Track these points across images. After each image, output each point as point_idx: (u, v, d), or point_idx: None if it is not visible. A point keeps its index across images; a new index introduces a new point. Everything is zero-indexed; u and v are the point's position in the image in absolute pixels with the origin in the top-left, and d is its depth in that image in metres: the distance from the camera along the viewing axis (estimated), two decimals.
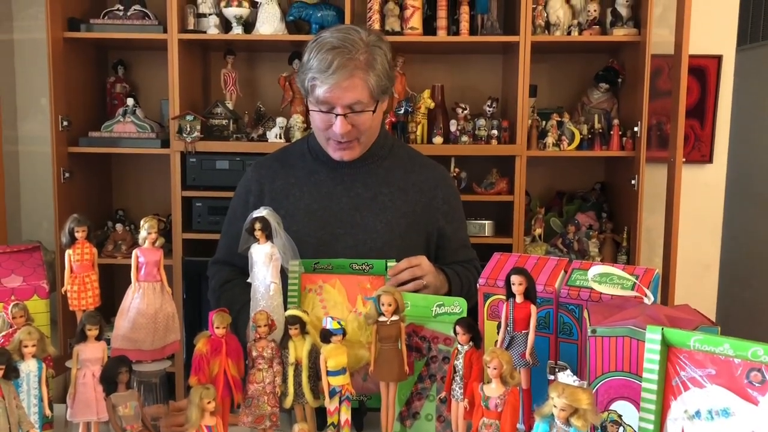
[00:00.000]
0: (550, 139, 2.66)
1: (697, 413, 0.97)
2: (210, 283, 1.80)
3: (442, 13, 2.60)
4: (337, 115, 1.61)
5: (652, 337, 0.99)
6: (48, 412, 1.18)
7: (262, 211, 1.37)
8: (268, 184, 1.76)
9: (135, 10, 2.65)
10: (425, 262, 1.60)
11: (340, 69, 1.57)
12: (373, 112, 1.65)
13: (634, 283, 1.24)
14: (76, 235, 1.30)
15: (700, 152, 2.97)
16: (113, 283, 2.65)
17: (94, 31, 2.64)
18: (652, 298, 1.22)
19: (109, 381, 1.13)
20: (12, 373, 1.06)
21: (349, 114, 1.61)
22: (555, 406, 0.91)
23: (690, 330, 1.01)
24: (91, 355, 1.21)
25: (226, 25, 2.67)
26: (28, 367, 1.14)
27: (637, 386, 1.03)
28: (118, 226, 2.74)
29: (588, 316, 1.15)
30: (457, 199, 1.86)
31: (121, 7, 2.66)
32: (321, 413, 1.24)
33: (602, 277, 1.25)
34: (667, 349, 0.99)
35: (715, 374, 0.96)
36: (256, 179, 1.79)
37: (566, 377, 0.93)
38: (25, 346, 1.13)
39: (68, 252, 1.31)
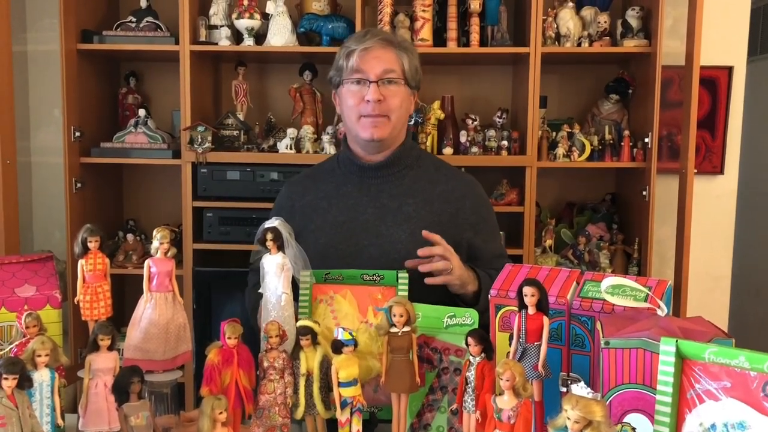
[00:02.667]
0: (560, 150, 2.66)
1: (713, 426, 0.96)
2: (248, 286, 1.83)
3: (452, 24, 2.61)
4: (370, 82, 1.67)
5: (667, 349, 0.98)
6: (60, 421, 1.18)
7: (273, 222, 1.38)
8: (299, 200, 1.80)
9: (147, 22, 2.68)
10: (456, 260, 1.59)
11: (375, 38, 1.70)
12: (406, 86, 1.71)
13: (647, 294, 1.23)
14: (89, 245, 1.31)
15: (711, 163, 2.96)
16: (124, 293, 2.66)
17: (107, 43, 2.67)
18: (666, 310, 1.21)
19: (121, 391, 1.13)
20: (25, 383, 1.06)
21: (381, 85, 1.67)
22: (569, 419, 0.90)
23: (704, 342, 1.00)
24: (103, 365, 1.22)
25: (237, 36, 2.69)
26: (41, 377, 1.14)
27: (651, 398, 1.02)
28: (129, 237, 2.75)
29: (601, 327, 1.14)
30: (488, 210, 1.84)
31: (134, 19, 2.69)
32: (332, 424, 1.24)
33: (615, 289, 1.24)
34: (681, 362, 0.99)
35: (730, 387, 0.95)
36: (287, 196, 1.84)
37: (580, 389, 0.92)
38: (39, 356, 1.14)
39: (81, 262, 1.31)
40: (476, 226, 1.77)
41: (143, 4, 2.73)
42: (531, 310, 1.16)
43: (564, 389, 1.25)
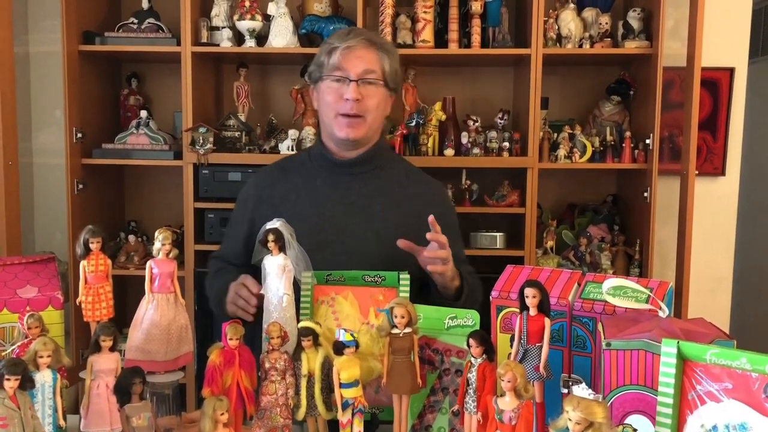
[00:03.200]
0: (561, 152, 2.66)
1: (714, 428, 0.96)
2: (208, 273, 1.88)
3: (453, 26, 2.61)
4: (350, 81, 1.68)
5: (668, 350, 0.99)
6: (62, 422, 1.18)
7: (275, 223, 1.38)
8: (268, 190, 1.81)
9: (149, 23, 2.68)
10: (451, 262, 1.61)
11: (358, 37, 1.72)
12: (385, 87, 1.73)
13: (649, 296, 1.23)
14: (91, 246, 1.31)
15: (713, 165, 2.96)
16: (125, 294, 2.66)
17: (109, 44, 2.67)
18: (667, 311, 1.21)
19: (123, 392, 1.13)
20: (28, 384, 1.07)
21: (361, 85, 1.69)
22: (570, 420, 0.91)
23: (706, 343, 1.00)
24: (105, 366, 1.22)
25: (239, 38, 2.69)
26: (43, 378, 1.14)
27: (652, 400, 1.02)
28: (131, 238, 2.76)
29: (602, 329, 1.14)
30: (453, 216, 1.87)
31: (136, 21, 2.69)
32: (333, 425, 1.24)
33: (616, 290, 1.25)
34: (683, 363, 0.99)
35: (732, 388, 0.95)
36: (255, 185, 1.85)
37: (581, 390, 0.92)
38: (41, 357, 1.14)
39: (83, 263, 1.31)
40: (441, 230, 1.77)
41: (145, 5, 2.73)
42: (532, 312, 1.17)
43: (565, 390, 1.25)
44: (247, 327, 1.60)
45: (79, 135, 2.62)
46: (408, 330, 1.22)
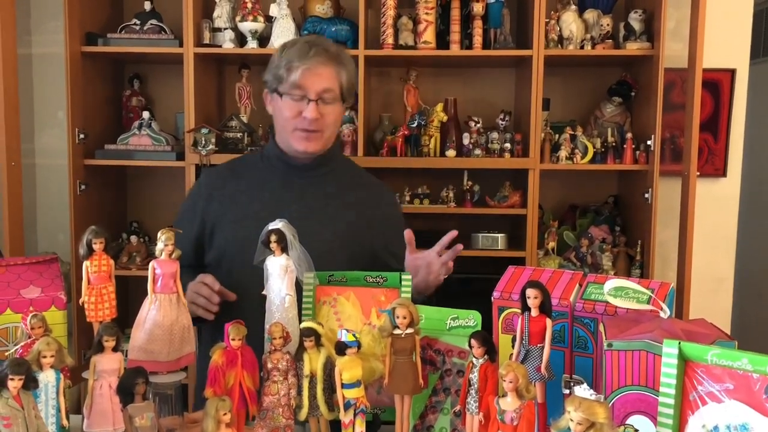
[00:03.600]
0: (563, 153, 2.66)
1: (716, 428, 0.96)
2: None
3: (455, 27, 2.62)
4: (309, 100, 1.69)
5: (669, 351, 0.99)
6: (65, 422, 1.19)
7: (277, 224, 1.38)
8: (219, 190, 1.81)
9: (151, 24, 2.69)
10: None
11: (317, 56, 1.70)
12: (340, 102, 1.75)
13: (650, 296, 1.24)
14: (94, 246, 1.31)
15: (714, 166, 2.96)
16: (127, 294, 2.66)
17: (111, 46, 2.68)
18: (668, 312, 1.22)
19: (126, 392, 1.13)
20: (31, 384, 1.07)
21: (320, 102, 1.70)
22: (572, 420, 0.91)
23: (707, 344, 1.00)
24: (107, 366, 1.22)
25: (241, 39, 2.70)
26: (47, 378, 1.15)
27: (654, 400, 1.02)
28: (133, 238, 2.77)
29: (604, 329, 1.14)
30: (401, 217, 1.92)
31: (138, 22, 2.70)
32: (335, 426, 1.24)
33: (618, 291, 1.25)
34: (684, 364, 0.99)
35: (733, 389, 0.95)
36: (205, 184, 1.85)
37: (583, 391, 0.93)
38: (44, 357, 1.14)
39: (86, 263, 1.32)
40: (390, 230, 1.82)
41: (147, 6, 2.74)
42: (534, 312, 1.17)
43: (567, 391, 1.25)
44: (208, 327, 1.60)
45: (82, 136, 2.63)
46: (410, 330, 1.22)
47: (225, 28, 2.67)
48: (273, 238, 1.35)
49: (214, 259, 1.75)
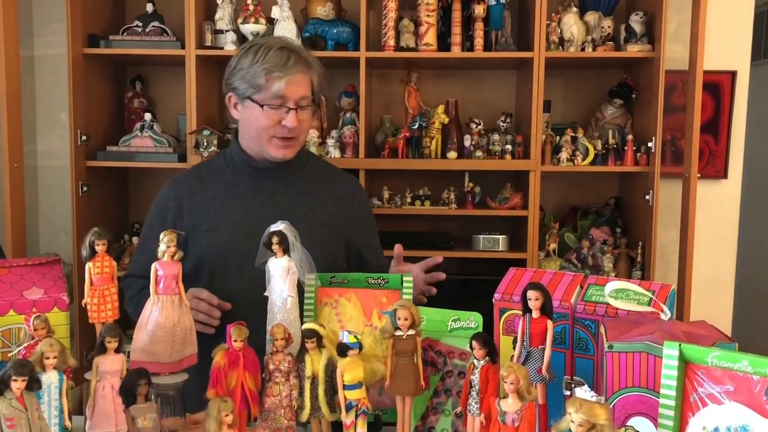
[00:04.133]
0: (564, 154, 2.66)
1: (716, 430, 0.96)
2: (126, 294, 1.80)
3: (456, 29, 2.63)
4: (289, 109, 1.68)
5: (670, 353, 0.99)
6: (68, 423, 1.19)
7: (279, 225, 1.39)
8: (187, 200, 1.78)
9: (153, 26, 2.69)
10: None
11: (297, 64, 1.69)
12: (313, 104, 1.76)
13: (651, 298, 1.24)
14: (97, 248, 1.32)
15: (715, 168, 2.96)
16: None
17: (114, 47, 2.68)
18: (669, 314, 1.22)
19: (128, 393, 1.13)
20: (34, 385, 1.07)
21: (298, 110, 1.70)
22: (572, 422, 0.91)
23: (707, 346, 1.01)
24: (110, 367, 1.23)
25: (242, 41, 2.70)
26: (50, 379, 1.15)
27: (654, 402, 1.03)
28: (135, 240, 2.77)
29: (605, 331, 1.15)
30: (371, 210, 1.97)
31: (140, 24, 2.70)
32: (337, 427, 1.25)
33: (618, 293, 1.25)
34: (684, 365, 0.99)
35: (733, 391, 0.96)
36: (173, 196, 1.80)
37: (584, 392, 0.93)
38: (47, 358, 1.14)
39: (88, 265, 1.32)
40: (364, 223, 1.87)
41: (149, 8, 2.74)
42: (535, 314, 1.17)
43: (568, 392, 1.25)
44: (206, 340, 1.58)
45: (84, 137, 2.63)
46: (411, 332, 1.23)
47: (227, 30, 2.68)
48: (275, 239, 1.35)
49: (192, 268, 1.70)
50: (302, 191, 1.80)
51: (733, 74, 2.89)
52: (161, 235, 1.34)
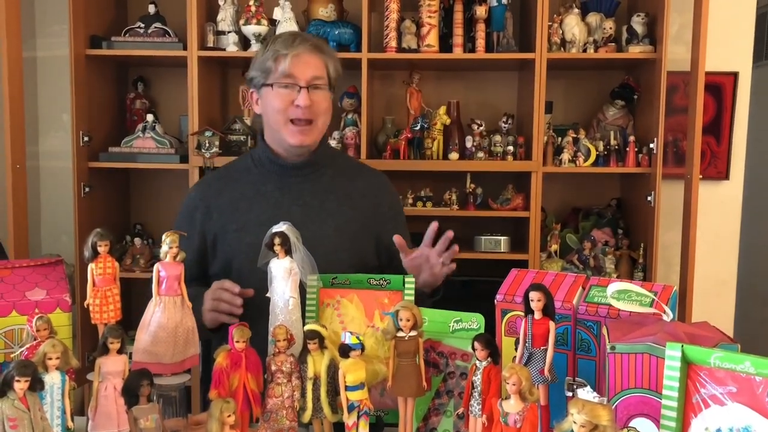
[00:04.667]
0: (566, 156, 2.66)
1: (718, 431, 0.96)
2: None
3: (458, 30, 2.63)
4: (300, 87, 1.69)
5: (672, 354, 0.99)
6: (70, 424, 1.19)
7: (281, 226, 1.39)
8: (215, 201, 1.79)
9: (155, 27, 2.70)
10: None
11: (304, 43, 1.72)
12: (330, 90, 1.75)
13: (653, 299, 1.24)
14: (99, 249, 1.32)
15: (717, 169, 2.96)
16: (130, 297, 2.66)
17: (116, 49, 2.69)
18: (671, 315, 1.22)
19: (130, 394, 1.14)
20: (37, 385, 1.07)
21: (311, 90, 1.69)
22: (575, 423, 0.91)
23: (710, 347, 1.01)
24: (112, 368, 1.23)
25: (244, 42, 2.71)
26: (52, 380, 1.15)
27: (657, 403, 1.03)
28: (137, 241, 2.77)
29: (607, 332, 1.15)
30: (400, 204, 1.96)
31: (142, 25, 2.71)
32: (339, 428, 1.25)
33: (621, 294, 1.25)
34: (687, 367, 0.99)
35: (736, 392, 0.96)
36: (200, 197, 1.82)
37: (587, 393, 0.93)
38: (50, 359, 1.14)
39: (91, 266, 1.32)
40: (393, 220, 1.85)
41: (151, 10, 2.75)
42: (537, 315, 1.17)
43: (569, 394, 1.25)
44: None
45: (86, 138, 2.64)
46: (413, 333, 1.23)
47: (229, 32, 2.68)
48: (277, 240, 1.36)
49: (221, 268, 1.74)
50: (329, 188, 1.79)
51: (734, 75, 2.89)
52: (163, 236, 1.34)
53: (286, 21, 2.63)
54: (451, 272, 1.66)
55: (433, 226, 1.67)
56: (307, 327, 1.26)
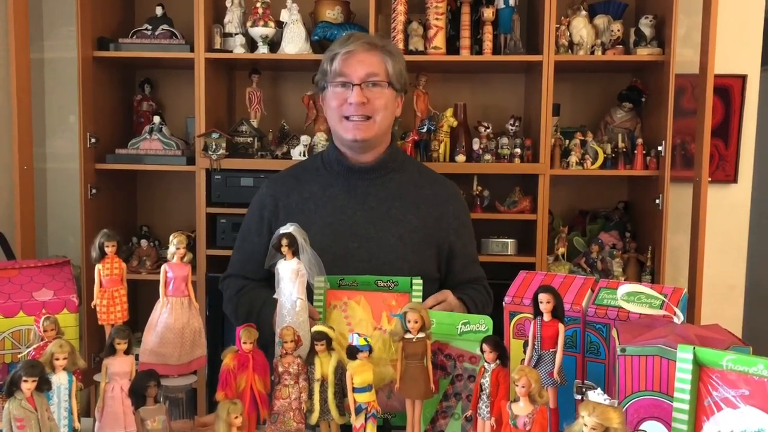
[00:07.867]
0: (573, 158, 2.65)
1: None
2: (225, 294, 1.82)
3: (465, 32, 2.62)
4: (353, 85, 1.69)
5: (684, 356, 0.98)
6: (77, 424, 1.19)
7: (288, 228, 1.38)
8: (283, 200, 1.79)
9: (162, 29, 2.70)
10: (450, 297, 1.64)
11: (358, 41, 1.72)
12: (391, 88, 1.72)
13: (663, 302, 1.23)
14: (106, 250, 1.32)
15: (725, 172, 2.95)
16: (137, 298, 2.67)
17: (123, 51, 2.69)
18: (682, 317, 1.21)
19: (137, 395, 1.14)
20: (44, 385, 1.07)
21: (365, 87, 1.69)
22: (586, 425, 0.90)
23: (722, 350, 1.00)
24: (119, 368, 1.23)
25: (251, 44, 2.71)
26: (59, 380, 1.15)
27: (668, 406, 1.02)
28: (143, 242, 2.77)
29: (617, 334, 1.14)
30: (467, 216, 1.90)
31: (149, 27, 2.71)
32: (347, 430, 1.24)
33: (631, 296, 1.24)
34: (698, 369, 0.98)
35: (748, 395, 0.95)
36: (270, 194, 1.82)
37: (597, 396, 0.92)
38: (57, 359, 1.14)
39: (98, 267, 1.32)
40: (458, 231, 1.81)
41: (158, 12, 2.75)
42: (546, 317, 1.16)
43: (579, 396, 1.24)
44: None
45: (93, 140, 2.64)
46: (421, 335, 1.22)
47: (236, 33, 2.68)
48: (284, 242, 1.35)
49: None
50: (395, 194, 1.77)
51: (743, 78, 2.88)
52: (171, 237, 1.34)
53: (293, 23, 2.63)
54: None
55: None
56: (315, 328, 1.26)
